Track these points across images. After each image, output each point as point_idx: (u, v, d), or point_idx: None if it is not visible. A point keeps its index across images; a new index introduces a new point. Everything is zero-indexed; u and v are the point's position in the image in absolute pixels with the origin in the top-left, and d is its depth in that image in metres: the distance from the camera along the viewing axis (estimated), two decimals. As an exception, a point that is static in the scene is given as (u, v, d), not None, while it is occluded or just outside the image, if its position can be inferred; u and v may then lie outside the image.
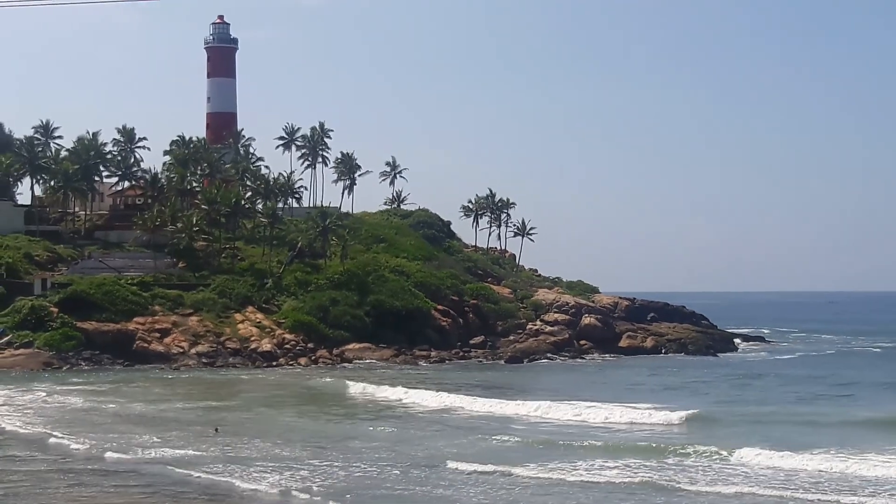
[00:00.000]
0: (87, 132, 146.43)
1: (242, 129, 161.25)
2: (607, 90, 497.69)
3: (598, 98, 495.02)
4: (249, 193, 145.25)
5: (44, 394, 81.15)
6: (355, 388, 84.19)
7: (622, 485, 44.37)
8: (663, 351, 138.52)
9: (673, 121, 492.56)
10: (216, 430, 61.55)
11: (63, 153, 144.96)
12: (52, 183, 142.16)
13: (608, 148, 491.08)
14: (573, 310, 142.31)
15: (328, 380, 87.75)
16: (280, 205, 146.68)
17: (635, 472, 47.03)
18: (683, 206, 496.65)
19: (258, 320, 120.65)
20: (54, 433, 59.28)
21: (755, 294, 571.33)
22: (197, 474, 46.03)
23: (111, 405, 74.93)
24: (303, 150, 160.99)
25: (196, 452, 52.76)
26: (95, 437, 58.07)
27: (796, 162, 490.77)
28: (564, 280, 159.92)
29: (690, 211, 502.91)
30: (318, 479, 45.14)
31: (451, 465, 48.21)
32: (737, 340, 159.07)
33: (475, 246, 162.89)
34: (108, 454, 51.80)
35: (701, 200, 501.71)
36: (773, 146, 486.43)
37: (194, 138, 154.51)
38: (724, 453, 50.96)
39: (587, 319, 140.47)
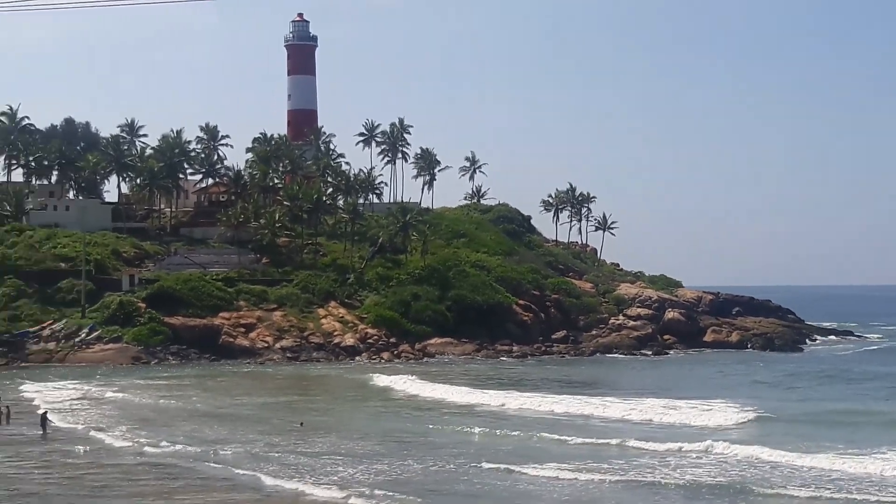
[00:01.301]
0: (172, 130, 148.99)
1: (323, 126, 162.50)
2: (687, 81, 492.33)
3: (678, 89, 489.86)
4: (330, 190, 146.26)
5: (127, 389, 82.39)
6: (431, 389, 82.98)
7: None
8: (749, 346, 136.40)
9: (753, 114, 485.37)
10: (301, 424, 61.99)
11: (148, 151, 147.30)
12: (138, 181, 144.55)
13: (693, 142, 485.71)
14: (656, 304, 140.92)
15: (407, 378, 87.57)
16: (361, 201, 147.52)
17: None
18: (766, 199, 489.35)
19: (341, 315, 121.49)
20: (137, 429, 60.10)
21: (840, 287, 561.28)
22: (273, 471, 46.07)
23: (195, 399, 75.91)
24: (383, 146, 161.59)
25: (277, 447, 53.06)
26: (177, 432, 58.75)
27: (877, 154, 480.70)
28: (647, 274, 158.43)
29: (774, 204, 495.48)
30: (394, 475, 45.02)
31: (527, 465, 47.01)
32: (823, 335, 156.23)
33: (555, 240, 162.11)
34: (189, 448, 52.05)
35: (785, 193, 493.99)
36: (853, 137, 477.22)
37: (276, 135, 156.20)
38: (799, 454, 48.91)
39: (671, 314, 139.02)
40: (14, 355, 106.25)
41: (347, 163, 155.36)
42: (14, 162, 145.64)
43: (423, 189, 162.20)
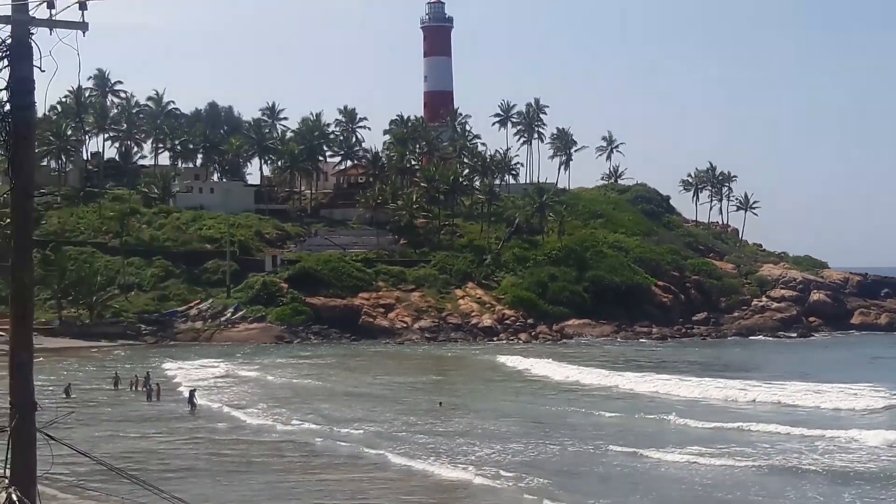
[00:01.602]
0: (311, 113, 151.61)
1: (459, 107, 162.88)
2: (830, 57, 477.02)
3: (820, 65, 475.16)
4: (467, 171, 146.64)
5: (268, 367, 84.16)
6: (567, 371, 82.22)
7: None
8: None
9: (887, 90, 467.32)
10: (440, 404, 62.33)
11: (289, 134, 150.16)
12: (279, 163, 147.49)
13: (839, 119, 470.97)
14: (801, 285, 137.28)
15: (543, 360, 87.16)
16: (497, 181, 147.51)
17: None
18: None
19: (478, 296, 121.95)
20: (277, 407, 61.24)
21: None
22: (405, 451, 46.34)
23: (334, 378, 77.07)
24: (518, 127, 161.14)
25: (414, 427, 53.43)
26: (316, 410, 59.57)
27: None
28: (791, 255, 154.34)
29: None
30: (529, 456, 44.82)
31: (663, 449, 46.19)
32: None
33: (695, 221, 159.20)
34: (325, 428, 52.47)
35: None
36: None
37: (412, 117, 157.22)
38: None
39: (816, 295, 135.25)
40: (163, 334, 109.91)
41: (483, 144, 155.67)
42: (161, 146, 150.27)
43: (559, 169, 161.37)
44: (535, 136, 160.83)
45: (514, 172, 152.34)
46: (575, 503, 35.65)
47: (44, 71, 9.48)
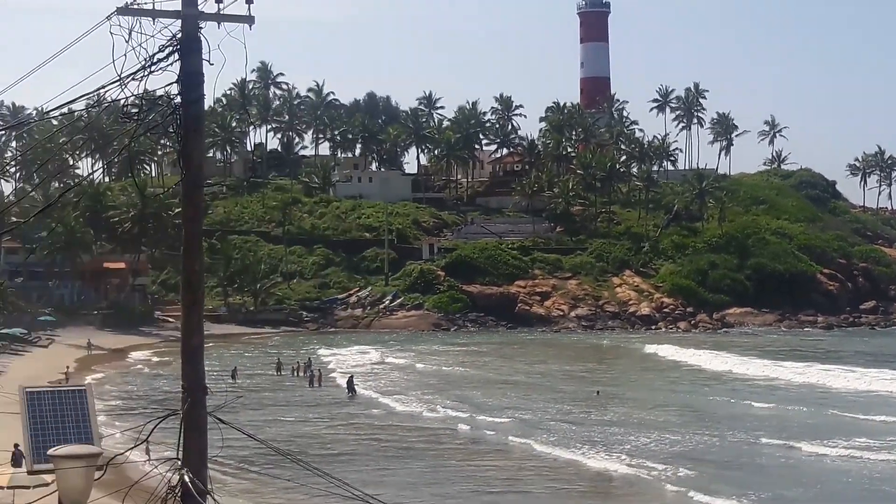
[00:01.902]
0: (467, 102, 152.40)
1: (615, 93, 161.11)
2: None
3: None
4: (624, 157, 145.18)
5: (424, 354, 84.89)
6: (728, 360, 79.84)
7: None
8: None
9: None
10: (597, 392, 61.92)
11: (445, 123, 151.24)
12: (436, 152, 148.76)
13: None
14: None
15: (705, 351, 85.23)
16: (655, 168, 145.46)
17: None
18: None
19: (636, 284, 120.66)
20: (432, 394, 61.76)
21: None
22: (557, 440, 46.05)
23: (490, 366, 77.21)
24: (677, 112, 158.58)
25: (569, 415, 53.14)
26: (471, 397, 59.91)
27: None
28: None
29: None
30: (687, 447, 43.97)
31: (828, 442, 44.26)
32: None
33: (863, 206, 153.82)
34: (478, 417, 52.33)
35: None
36: None
37: (568, 104, 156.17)
38: None
39: None
40: (324, 321, 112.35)
41: (641, 130, 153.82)
42: (321, 136, 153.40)
43: (719, 155, 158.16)
44: (695, 121, 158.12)
45: (672, 158, 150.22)
46: (729, 495, 34.82)
47: (212, 64, 9.60)
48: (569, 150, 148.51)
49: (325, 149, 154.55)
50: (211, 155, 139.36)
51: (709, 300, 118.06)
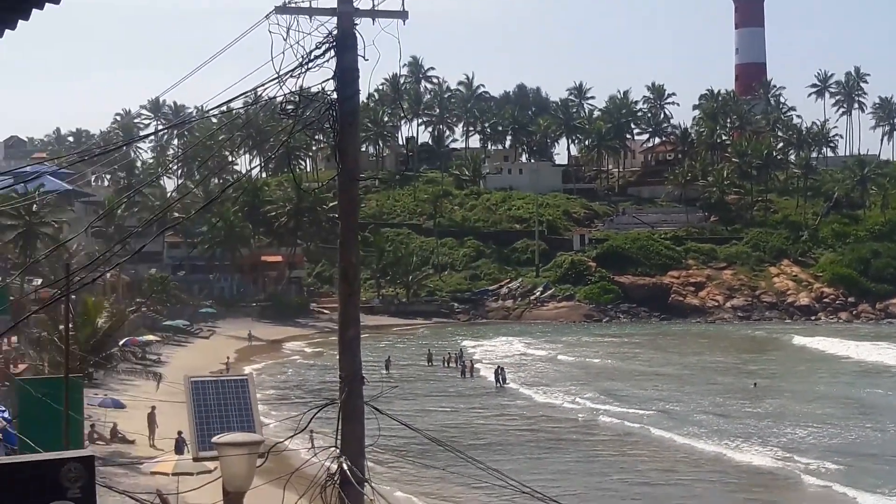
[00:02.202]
0: (618, 91, 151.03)
1: (772, 79, 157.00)
2: None
3: None
4: (781, 144, 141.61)
5: (573, 346, 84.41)
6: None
7: None
8: None
9: None
10: (754, 384, 60.65)
11: (596, 113, 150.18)
12: (587, 142, 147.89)
13: None
14: None
15: (869, 345, 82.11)
16: (813, 155, 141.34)
17: None
18: None
19: (794, 273, 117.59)
20: (582, 384, 61.34)
21: None
22: (710, 432, 45.18)
23: (641, 357, 76.24)
24: (837, 97, 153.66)
25: (721, 407, 52.09)
26: (620, 389, 59.30)
27: None
28: None
29: None
30: (846, 440, 42.67)
31: None
32: None
33: None
34: (628, 410, 52.06)
35: None
36: None
37: (723, 91, 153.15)
38: None
39: None
40: (475, 312, 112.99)
41: (799, 116, 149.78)
42: (471, 129, 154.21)
43: (881, 140, 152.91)
44: (855, 106, 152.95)
45: (832, 145, 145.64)
46: (873, 487, 33.63)
47: (367, 60, 9.72)
48: (723, 137, 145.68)
49: (475, 141, 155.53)
50: (364, 149, 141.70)
51: (871, 290, 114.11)
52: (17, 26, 5.93)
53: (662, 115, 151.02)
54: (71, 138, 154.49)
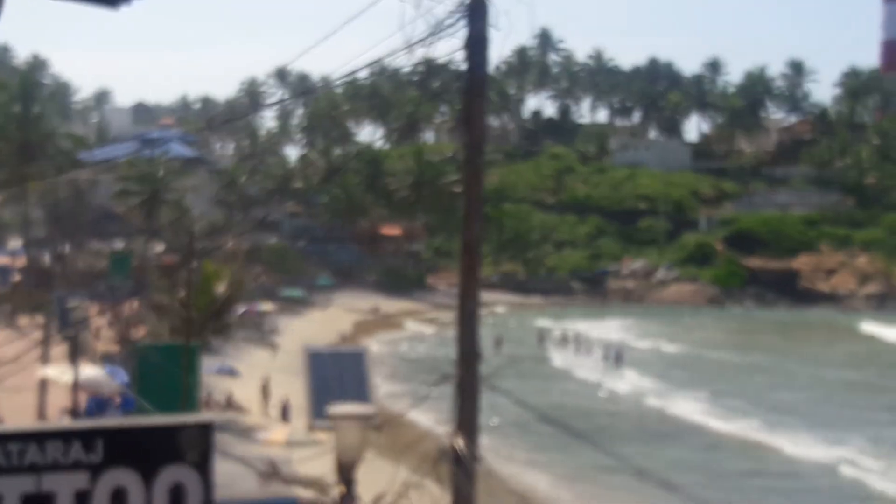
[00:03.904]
0: (755, 67, 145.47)
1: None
2: None
3: None
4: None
5: (693, 329, 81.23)
6: None
7: None
8: None
9: None
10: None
11: (730, 89, 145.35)
12: (719, 120, 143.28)
13: None
14: None
15: None
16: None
17: None
18: None
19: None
20: (695, 377, 58.66)
21: None
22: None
23: (762, 349, 72.36)
24: None
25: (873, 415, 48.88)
26: (718, 383, 56.27)
27: None
28: None
29: None
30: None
31: None
32: None
33: None
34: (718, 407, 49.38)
35: None
36: None
37: (867, 69, 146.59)
38: None
39: None
40: (594, 292, 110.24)
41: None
42: (599, 103, 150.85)
43: None
44: None
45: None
46: None
47: (498, 30, 9.72)
48: (865, 117, 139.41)
49: (602, 116, 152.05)
50: (488, 122, 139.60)
51: None
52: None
53: (800, 93, 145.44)
54: (198, 105, 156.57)
